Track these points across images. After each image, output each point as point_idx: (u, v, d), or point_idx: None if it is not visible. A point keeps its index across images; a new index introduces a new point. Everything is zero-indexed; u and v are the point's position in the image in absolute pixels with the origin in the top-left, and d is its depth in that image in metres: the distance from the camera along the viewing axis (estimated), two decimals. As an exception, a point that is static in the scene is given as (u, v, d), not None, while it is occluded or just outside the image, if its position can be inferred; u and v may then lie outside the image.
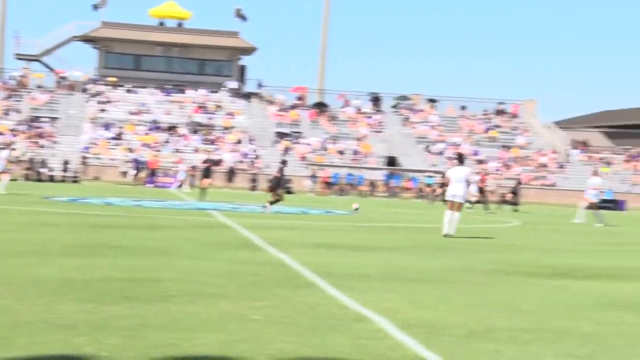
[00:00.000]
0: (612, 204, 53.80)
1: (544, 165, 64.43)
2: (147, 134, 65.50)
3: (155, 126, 66.92)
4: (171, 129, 66.74)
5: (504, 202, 44.58)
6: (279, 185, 27.85)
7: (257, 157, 63.15)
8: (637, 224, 33.31)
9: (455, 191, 19.05)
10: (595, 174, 32.26)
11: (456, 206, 18.95)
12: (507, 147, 67.18)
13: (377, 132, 68.96)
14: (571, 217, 35.35)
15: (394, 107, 74.36)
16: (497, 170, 63.11)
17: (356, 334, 7.18)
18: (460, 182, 19.02)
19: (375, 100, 74.49)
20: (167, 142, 64.68)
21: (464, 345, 6.96)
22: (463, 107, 74.87)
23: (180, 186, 52.38)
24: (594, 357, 6.73)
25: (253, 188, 56.84)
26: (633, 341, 7.47)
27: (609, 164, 66.06)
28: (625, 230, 27.40)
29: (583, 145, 69.50)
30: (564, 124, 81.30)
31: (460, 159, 20.23)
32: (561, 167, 64.50)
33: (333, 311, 8.31)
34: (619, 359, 6.67)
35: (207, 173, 36.39)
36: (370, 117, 71.47)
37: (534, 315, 8.65)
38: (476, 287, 10.78)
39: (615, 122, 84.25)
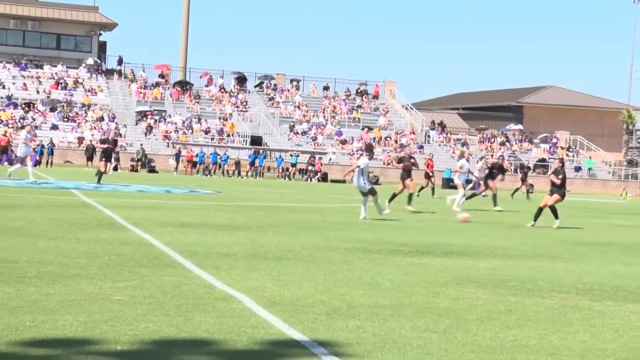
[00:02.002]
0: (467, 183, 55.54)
1: (404, 146, 65.91)
2: (2, 110, 63.02)
3: (11, 102, 64.46)
4: (28, 105, 64.44)
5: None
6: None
7: (119, 136, 61.80)
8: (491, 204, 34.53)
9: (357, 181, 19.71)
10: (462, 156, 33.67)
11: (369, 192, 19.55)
12: (369, 128, 68.29)
13: (241, 111, 68.75)
14: (423, 197, 36.33)
15: (258, 86, 74.29)
16: (360, 151, 64.14)
17: (221, 313, 7.21)
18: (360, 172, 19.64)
19: (240, 79, 74.17)
20: (23, 118, 62.44)
21: (326, 322, 7.10)
22: (326, 88, 75.55)
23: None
24: (450, 331, 7.00)
25: (115, 167, 55.67)
26: (486, 315, 7.81)
27: (465, 144, 68.20)
28: (483, 210, 28.38)
29: (440, 127, 71.43)
30: (421, 105, 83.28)
31: (369, 149, 20.66)
32: (420, 147, 66.13)
33: (198, 290, 8.30)
34: (473, 333, 6.97)
35: (107, 155, 30.52)
36: (234, 96, 71.15)
37: (394, 292, 8.90)
38: (338, 265, 10.99)
39: (469, 104, 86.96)
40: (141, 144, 59.53)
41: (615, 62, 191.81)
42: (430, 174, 37.97)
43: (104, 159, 30.46)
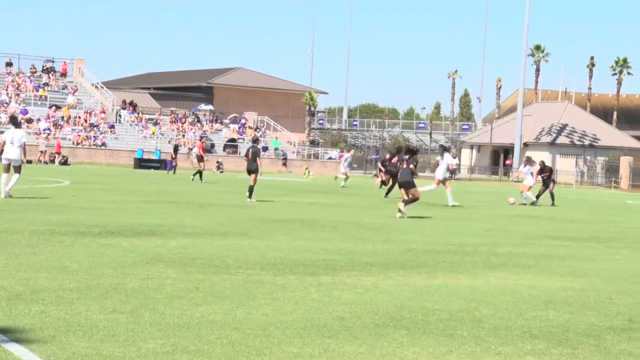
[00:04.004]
0: (160, 164, 55.57)
1: (95, 125, 64.39)
2: None
3: None
4: None
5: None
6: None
7: None
8: (183, 182, 34.85)
9: (9, 155, 19.19)
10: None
11: (14, 169, 19.20)
12: (57, 107, 65.86)
13: None
14: (132, 176, 35.84)
15: None
16: (47, 129, 61.70)
17: None
18: (13, 145, 19.11)
19: None
20: None
21: (7, 309, 6.84)
22: (9, 64, 71.70)
23: None
24: (138, 311, 7.03)
25: None
26: (174, 294, 7.93)
27: (157, 124, 67.99)
28: (174, 189, 28.56)
29: (132, 106, 70.60)
30: (112, 84, 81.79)
31: (15, 121, 20.54)
32: (111, 127, 64.96)
33: None
34: (161, 312, 7.05)
35: None
36: None
37: (81, 274, 8.75)
38: (22, 248, 10.58)
39: (160, 84, 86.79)
40: None
41: (299, 47, 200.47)
42: (204, 157, 38.18)
43: None
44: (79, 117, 65.28)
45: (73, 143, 60.47)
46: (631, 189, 63.98)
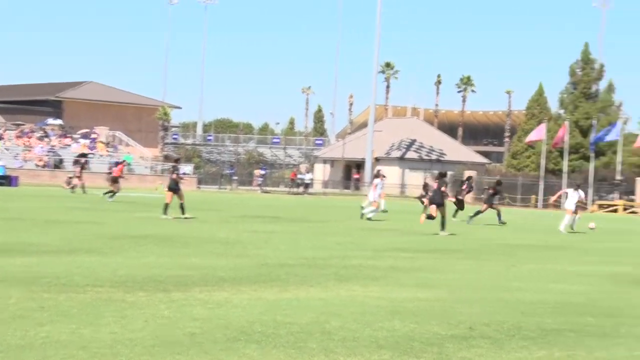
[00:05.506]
0: (5, 180, 53.55)
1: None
2: None
3: None
4: None
5: None
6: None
7: None
8: (29, 199, 33.72)
9: None
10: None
11: None
12: None
13: None
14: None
15: None
16: None
17: None
18: None
19: None
20: None
21: None
22: None
23: None
24: (-21, 332, 6.78)
25: None
26: (17, 314, 7.68)
27: (1, 139, 65.53)
28: (16, 206, 27.57)
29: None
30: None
31: None
32: (-48, 141, 62.16)
33: None
34: (2, 333, 6.82)
35: None
36: None
37: None
38: None
39: (3, 98, 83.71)
40: None
41: (151, 61, 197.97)
42: (119, 179, 36.19)
43: None
44: None
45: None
46: (475, 202, 66.42)
